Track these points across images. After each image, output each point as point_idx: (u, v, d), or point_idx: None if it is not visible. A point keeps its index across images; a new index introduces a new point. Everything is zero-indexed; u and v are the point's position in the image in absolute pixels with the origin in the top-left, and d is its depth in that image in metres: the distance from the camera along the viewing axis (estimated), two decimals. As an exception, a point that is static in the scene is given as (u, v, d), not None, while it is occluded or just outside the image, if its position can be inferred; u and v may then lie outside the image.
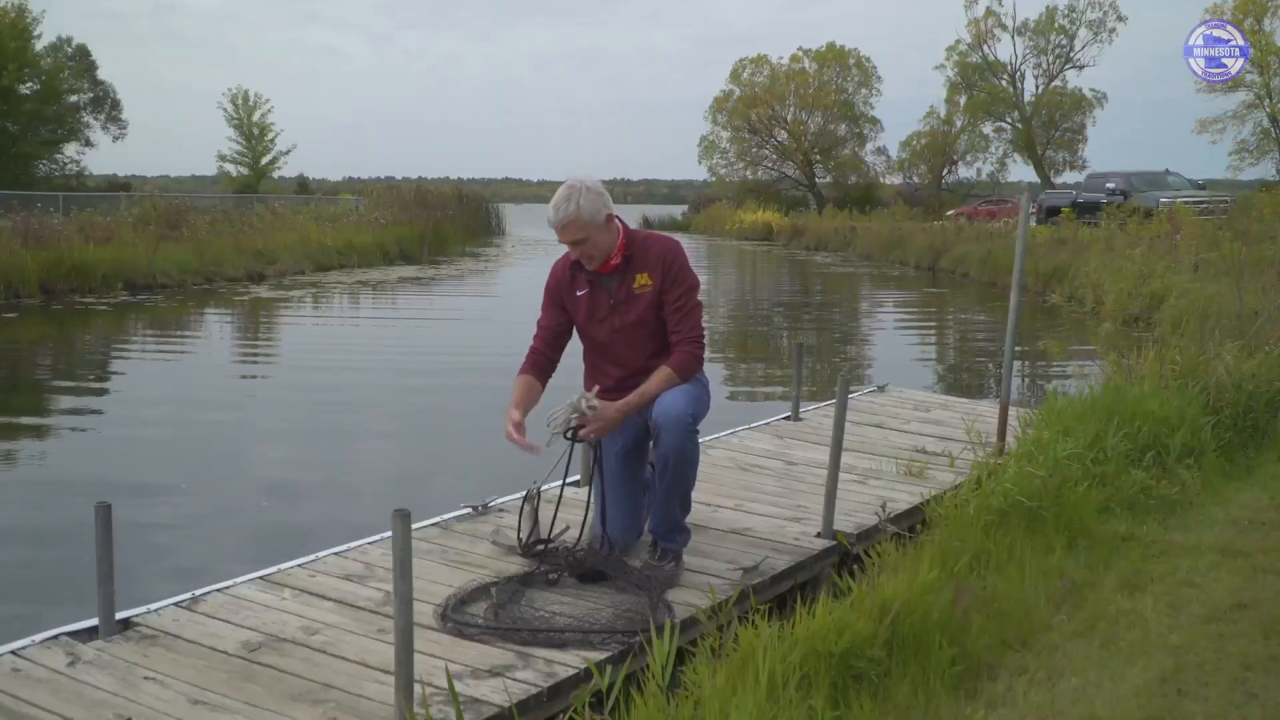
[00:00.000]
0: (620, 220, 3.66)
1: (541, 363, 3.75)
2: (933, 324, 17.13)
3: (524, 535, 3.77)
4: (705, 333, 3.73)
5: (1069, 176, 47.19)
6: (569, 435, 3.54)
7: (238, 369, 11.43)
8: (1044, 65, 48.01)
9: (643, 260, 3.63)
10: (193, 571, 4.64)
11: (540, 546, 3.71)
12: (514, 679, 2.83)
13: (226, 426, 8.33)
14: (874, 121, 55.27)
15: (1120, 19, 46.03)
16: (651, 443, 3.67)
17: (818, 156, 55.11)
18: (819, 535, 4.09)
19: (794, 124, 54.28)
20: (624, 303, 3.65)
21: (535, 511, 3.77)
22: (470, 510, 4.33)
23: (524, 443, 3.50)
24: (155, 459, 7.12)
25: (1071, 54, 47.17)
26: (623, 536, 3.77)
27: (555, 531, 3.78)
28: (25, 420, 8.63)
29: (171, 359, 11.74)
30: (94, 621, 3.07)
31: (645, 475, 3.86)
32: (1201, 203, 22.34)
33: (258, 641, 3.04)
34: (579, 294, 3.71)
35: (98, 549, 2.99)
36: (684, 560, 3.73)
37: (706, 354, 3.76)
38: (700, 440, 3.80)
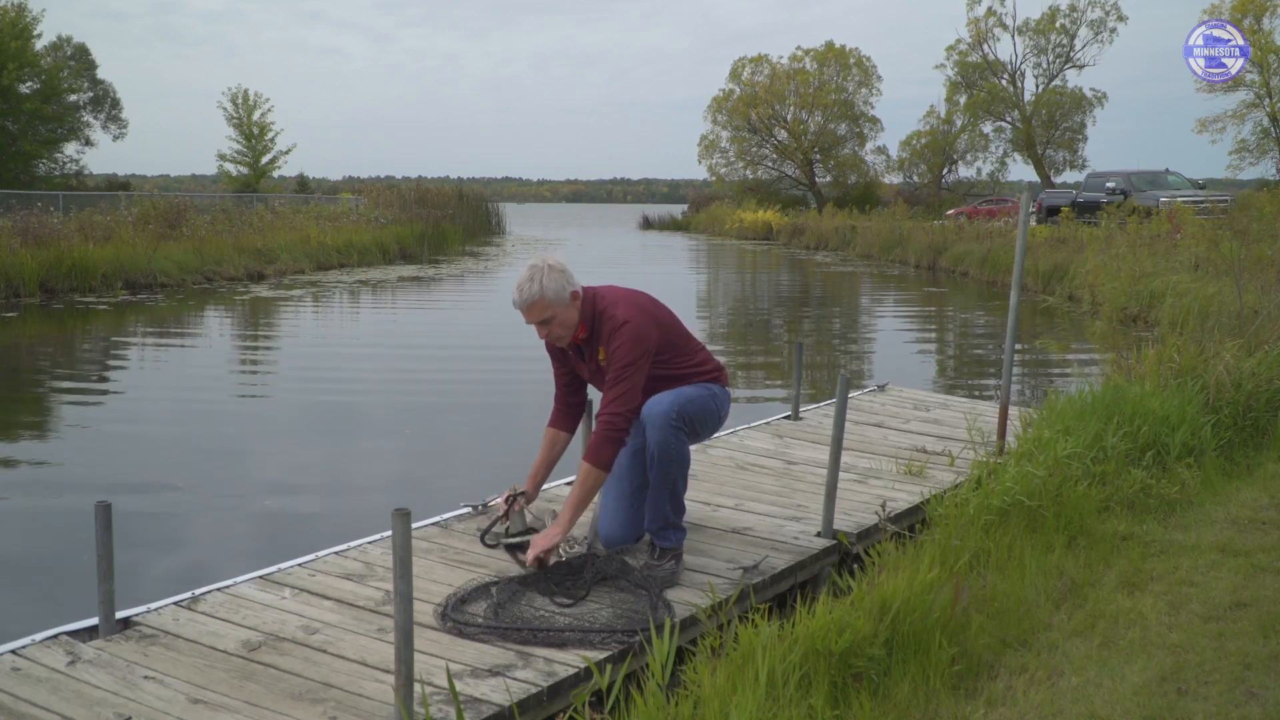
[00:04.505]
0: (585, 291, 3.67)
1: (563, 410, 3.95)
2: (933, 323, 17.12)
3: (498, 529, 3.85)
4: (625, 408, 3.56)
5: (1069, 176, 47.29)
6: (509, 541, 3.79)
7: (238, 368, 11.42)
8: (1044, 65, 48.06)
9: (599, 335, 3.68)
10: (193, 570, 4.65)
11: (499, 542, 3.80)
12: (514, 678, 2.83)
13: (226, 425, 8.32)
14: (874, 121, 55.35)
15: (1121, 19, 46.11)
16: None
17: (818, 156, 55.12)
18: (819, 534, 4.09)
19: (794, 123, 54.28)
20: (598, 372, 3.74)
21: (516, 511, 3.80)
22: (470, 510, 4.33)
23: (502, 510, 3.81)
24: (155, 458, 7.12)
25: (1072, 53, 47.19)
26: (621, 536, 3.77)
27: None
28: (25, 420, 8.63)
29: (172, 358, 11.73)
30: (94, 621, 3.07)
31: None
32: (1201, 202, 22.35)
33: (257, 641, 3.04)
34: (569, 354, 3.85)
35: (98, 548, 2.99)
36: (684, 559, 3.74)
37: (621, 430, 3.56)
38: (702, 440, 3.82)
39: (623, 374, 3.57)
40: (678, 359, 3.78)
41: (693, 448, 4.25)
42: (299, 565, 3.68)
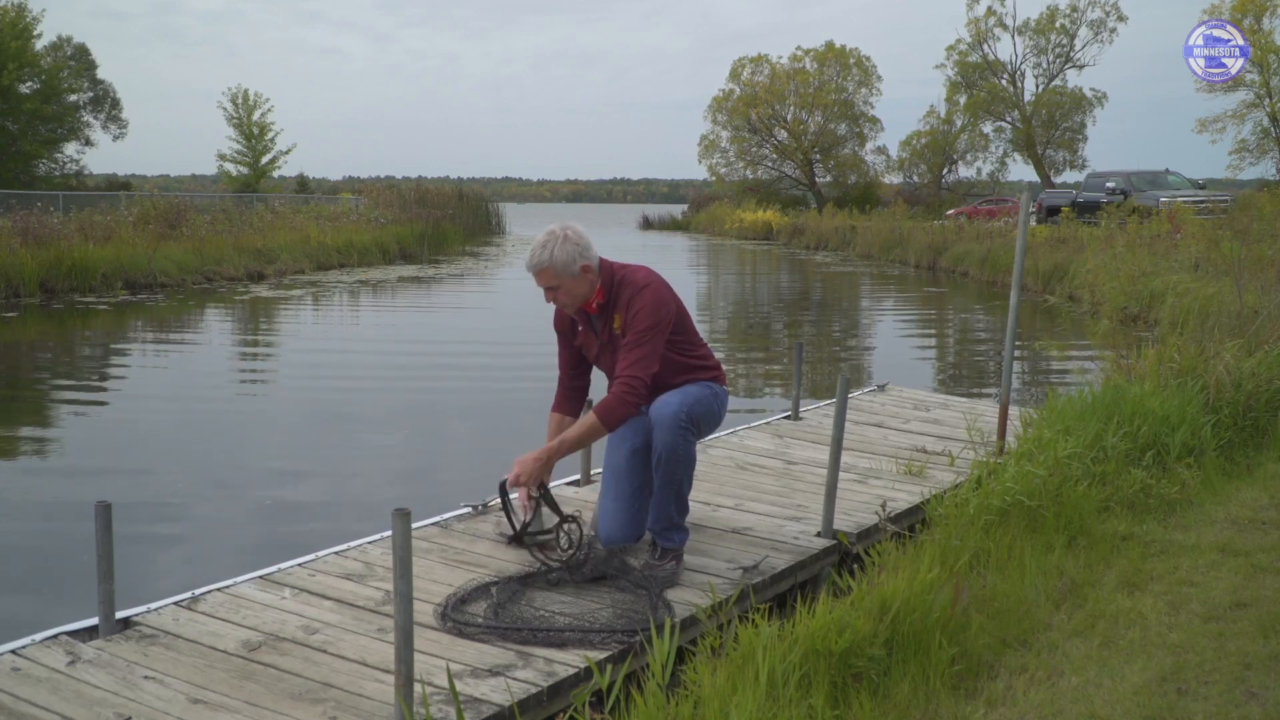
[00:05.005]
0: (603, 262, 3.68)
1: (567, 394, 3.95)
2: (933, 323, 17.12)
3: (514, 526, 3.82)
4: (645, 372, 3.56)
5: (1069, 176, 47.31)
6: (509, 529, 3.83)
7: (238, 368, 11.43)
8: (1044, 65, 48.08)
9: (617, 302, 3.68)
10: (193, 570, 4.65)
11: (531, 536, 3.75)
12: (514, 678, 2.83)
13: (226, 425, 8.32)
14: (874, 121, 55.36)
15: (1121, 19, 46.12)
16: None
17: (818, 156, 55.13)
18: (819, 534, 4.09)
19: (794, 123, 54.29)
20: (609, 343, 3.74)
21: (537, 504, 3.78)
22: (470, 509, 4.33)
23: (522, 503, 3.71)
24: (155, 458, 7.12)
25: (1072, 53, 47.21)
26: (620, 536, 3.77)
27: (561, 519, 3.77)
28: (25, 420, 8.63)
29: (172, 359, 11.73)
30: (94, 621, 3.07)
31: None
32: (1201, 202, 22.37)
33: (257, 641, 3.04)
34: (578, 329, 3.85)
35: (98, 548, 2.99)
36: (684, 559, 3.74)
37: (638, 394, 3.54)
38: (700, 440, 3.82)
39: (643, 337, 3.57)
40: (686, 345, 3.80)
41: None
42: (299, 565, 3.68)
